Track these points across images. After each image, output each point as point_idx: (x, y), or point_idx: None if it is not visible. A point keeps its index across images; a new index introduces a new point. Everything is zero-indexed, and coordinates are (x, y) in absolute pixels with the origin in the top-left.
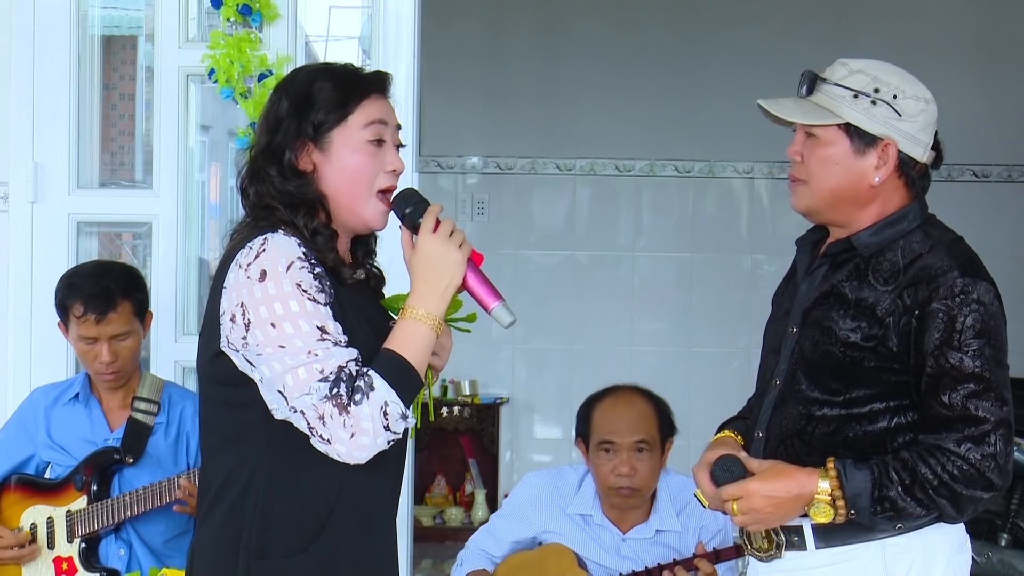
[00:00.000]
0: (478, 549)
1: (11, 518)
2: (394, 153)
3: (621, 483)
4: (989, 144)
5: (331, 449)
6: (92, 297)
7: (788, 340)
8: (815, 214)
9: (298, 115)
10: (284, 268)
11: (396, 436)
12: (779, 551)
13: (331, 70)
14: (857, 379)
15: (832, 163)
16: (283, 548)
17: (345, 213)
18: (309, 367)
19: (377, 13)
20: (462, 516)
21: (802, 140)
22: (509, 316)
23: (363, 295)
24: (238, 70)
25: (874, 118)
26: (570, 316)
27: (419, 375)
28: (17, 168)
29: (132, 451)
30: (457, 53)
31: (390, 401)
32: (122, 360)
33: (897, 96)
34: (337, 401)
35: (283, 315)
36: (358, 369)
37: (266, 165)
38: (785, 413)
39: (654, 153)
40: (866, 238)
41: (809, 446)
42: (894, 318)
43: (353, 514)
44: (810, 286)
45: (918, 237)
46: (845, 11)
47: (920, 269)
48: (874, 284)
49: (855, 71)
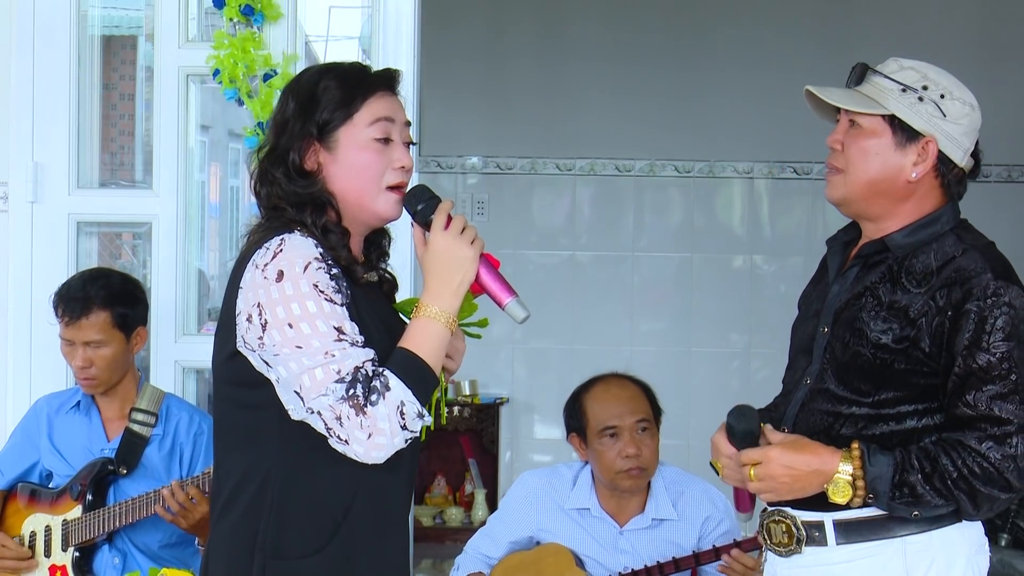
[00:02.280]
0: (475, 552)
1: (14, 526)
2: (402, 150)
3: (629, 464)
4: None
5: (349, 449)
6: (70, 300)
7: (820, 340)
8: (848, 204)
9: (303, 115)
10: (301, 269)
11: (414, 435)
12: (799, 546)
13: (337, 69)
14: (887, 381)
15: (872, 153)
16: (299, 548)
17: (355, 210)
18: (326, 368)
19: (377, 13)
20: (462, 516)
21: (844, 129)
22: (523, 311)
23: (376, 296)
24: (243, 70)
25: (919, 114)
26: (570, 316)
27: (434, 373)
28: (17, 168)
29: (126, 462)
30: (457, 53)
31: (406, 400)
32: (97, 368)
33: (944, 96)
34: (354, 402)
35: (300, 315)
36: (374, 369)
37: (272, 167)
38: (812, 410)
39: (654, 153)
40: (900, 239)
41: (836, 445)
42: (927, 319)
43: (368, 515)
44: (842, 287)
45: (951, 241)
46: (845, 11)
47: (954, 271)
48: (907, 286)
49: (906, 67)
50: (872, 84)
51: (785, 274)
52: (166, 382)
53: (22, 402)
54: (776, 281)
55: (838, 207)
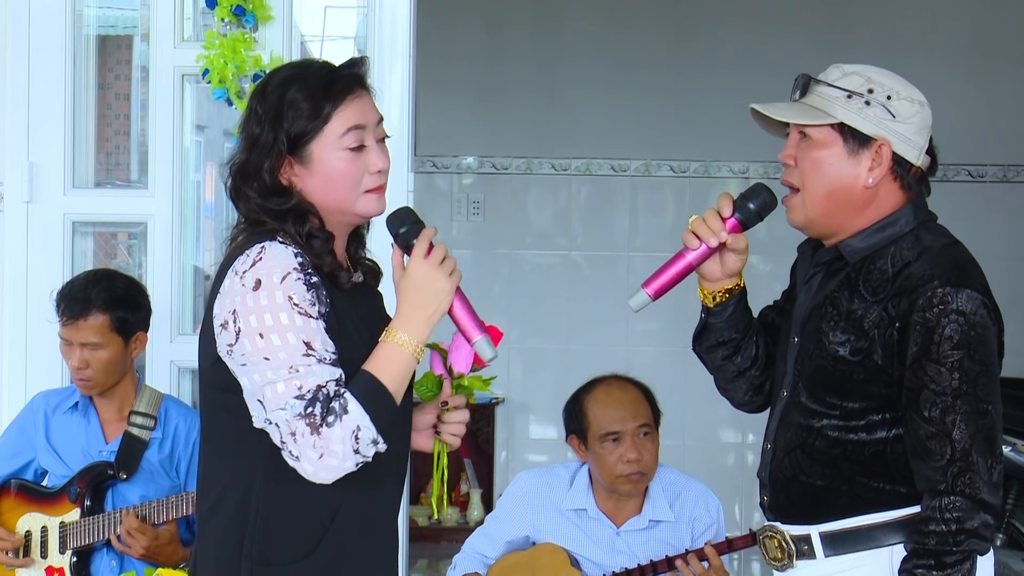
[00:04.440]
0: (472, 551)
1: (7, 523)
2: (377, 153)
3: (630, 469)
4: (984, 144)
5: (299, 466)
6: (71, 300)
7: (791, 350)
8: (812, 224)
9: (272, 129)
10: (279, 279)
11: (366, 459)
12: (791, 560)
13: (302, 77)
14: (850, 392)
15: (826, 164)
16: (285, 554)
17: (336, 215)
18: (288, 382)
19: (373, 13)
20: (458, 516)
21: (795, 143)
22: (491, 351)
23: (362, 298)
24: (232, 70)
25: (868, 118)
26: (566, 316)
27: (394, 400)
28: (12, 168)
29: (126, 467)
30: (453, 53)
31: (363, 426)
32: (93, 370)
33: (891, 97)
34: (310, 420)
35: (272, 327)
36: (336, 390)
37: (244, 184)
38: (789, 424)
39: (649, 153)
40: (855, 244)
41: (811, 458)
42: (879, 330)
43: (355, 520)
44: (807, 296)
45: (909, 243)
46: (840, 12)
47: (904, 279)
48: (864, 295)
49: (849, 72)
50: (817, 94)
51: (781, 274)
52: (162, 382)
53: (17, 403)
54: (771, 281)
55: (804, 230)
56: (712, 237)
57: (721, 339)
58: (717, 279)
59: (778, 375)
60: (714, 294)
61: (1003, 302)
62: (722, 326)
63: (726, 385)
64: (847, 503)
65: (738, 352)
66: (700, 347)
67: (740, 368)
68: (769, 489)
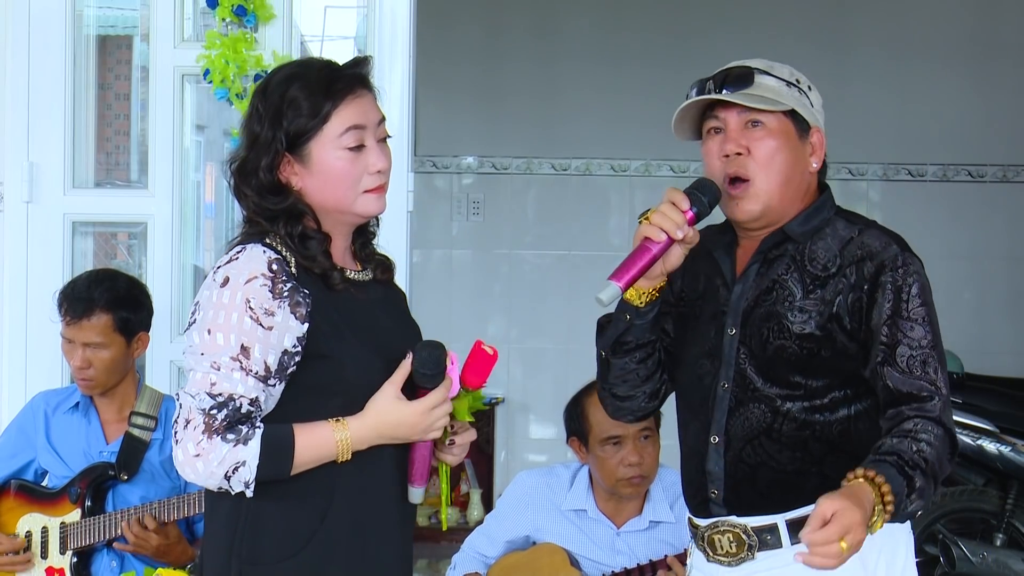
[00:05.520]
0: (472, 551)
1: (7, 524)
2: (377, 153)
3: (631, 472)
4: (984, 144)
5: (176, 449)
6: (74, 300)
7: (729, 342)
8: (769, 211)
9: (272, 127)
10: (244, 280)
11: (230, 490)
12: (751, 552)
13: (304, 75)
14: (816, 370)
15: (785, 151)
16: (274, 554)
17: (336, 215)
18: (206, 376)
19: (373, 13)
20: (457, 516)
21: (739, 132)
22: (418, 499)
23: (371, 296)
24: (234, 70)
25: (805, 107)
26: (565, 316)
27: (290, 469)
28: (12, 168)
29: (127, 467)
30: (453, 53)
31: (249, 467)
32: (95, 370)
33: (811, 88)
34: (208, 421)
35: (222, 325)
36: (250, 411)
37: (242, 183)
38: (745, 414)
39: (649, 153)
40: (796, 228)
41: (778, 443)
42: (843, 296)
43: (346, 520)
44: (745, 286)
45: (842, 224)
46: (840, 12)
47: (859, 247)
48: (813, 272)
49: (775, 64)
50: (760, 85)
51: None
52: (161, 382)
53: (17, 403)
54: None
55: (754, 220)
56: (677, 230)
57: (641, 341)
58: (656, 276)
59: (702, 370)
60: (647, 292)
61: (1003, 302)
62: (646, 327)
63: (630, 392)
64: (816, 486)
65: (651, 355)
66: (616, 352)
67: (650, 372)
68: (724, 482)
